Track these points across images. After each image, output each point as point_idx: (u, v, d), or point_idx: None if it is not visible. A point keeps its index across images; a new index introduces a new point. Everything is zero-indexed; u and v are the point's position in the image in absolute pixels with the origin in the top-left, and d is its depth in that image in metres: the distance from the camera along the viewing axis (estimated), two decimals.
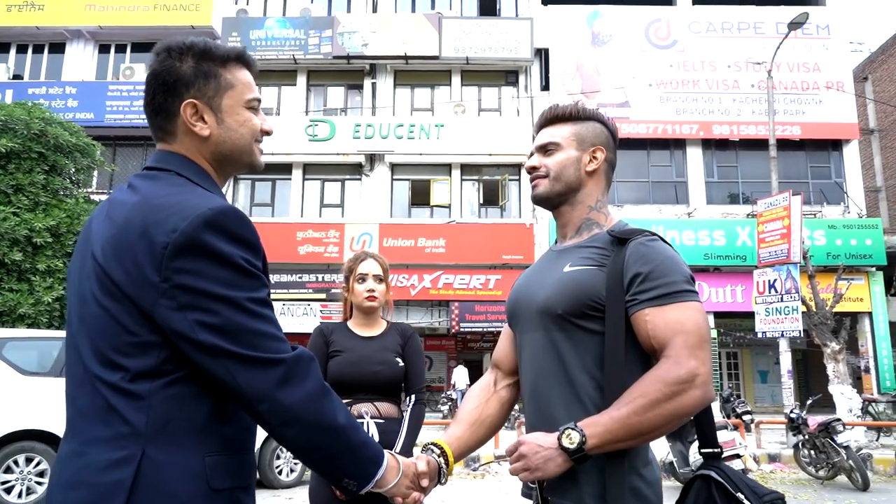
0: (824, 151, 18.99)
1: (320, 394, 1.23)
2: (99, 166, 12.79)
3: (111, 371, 1.18)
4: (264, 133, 1.40)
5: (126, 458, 1.14)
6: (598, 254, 1.57)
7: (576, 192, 1.67)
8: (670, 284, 1.47)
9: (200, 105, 1.31)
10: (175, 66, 1.31)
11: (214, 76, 1.33)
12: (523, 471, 1.44)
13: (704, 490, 1.46)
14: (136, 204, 1.22)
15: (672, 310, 1.45)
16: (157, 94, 1.32)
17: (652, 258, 1.49)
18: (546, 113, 1.73)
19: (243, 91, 1.36)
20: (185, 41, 1.32)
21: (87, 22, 19.10)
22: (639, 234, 1.55)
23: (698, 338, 1.42)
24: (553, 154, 1.68)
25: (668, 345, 1.42)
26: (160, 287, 1.15)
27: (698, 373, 1.38)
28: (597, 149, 1.68)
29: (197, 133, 1.32)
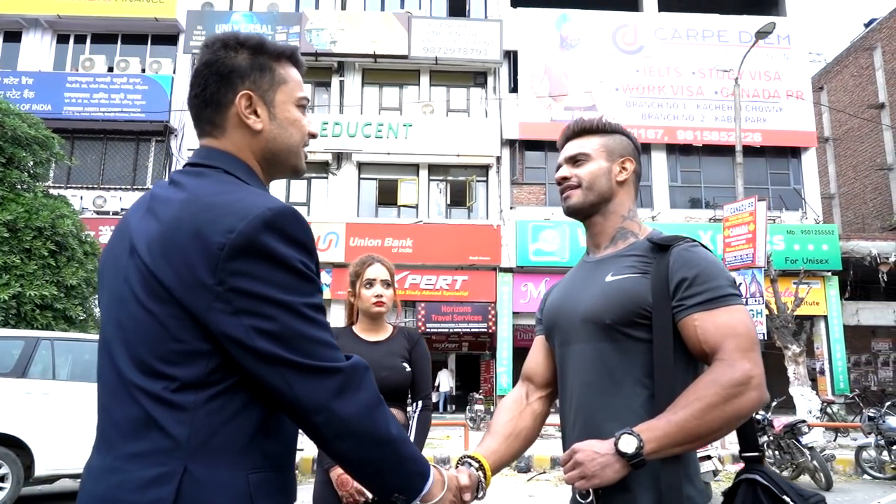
0: (784, 158, 19.48)
1: (375, 405, 1.17)
2: (59, 160, 12.37)
3: (153, 380, 1.09)
4: (311, 136, 1.35)
5: (166, 475, 1.05)
6: (639, 261, 1.58)
7: (608, 202, 1.69)
8: (717, 289, 1.48)
9: (255, 97, 1.26)
10: (230, 57, 1.26)
11: (269, 70, 1.28)
12: (580, 478, 1.41)
13: (751, 493, 1.46)
14: (186, 201, 1.14)
15: (720, 313, 1.46)
16: (209, 84, 1.25)
17: (696, 263, 1.50)
18: (572, 126, 1.74)
19: (295, 88, 1.31)
20: (239, 35, 1.28)
21: (44, 10, 18.49)
22: (680, 240, 1.57)
23: (749, 340, 1.44)
24: (583, 165, 1.69)
25: (720, 348, 1.43)
26: (214, 290, 1.07)
27: (753, 374, 1.39)
28: (626, 159, 1.70)
29: (249, 126, 1.26)
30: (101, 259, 1.28)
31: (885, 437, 9.55)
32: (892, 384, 20.79)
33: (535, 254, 17.87)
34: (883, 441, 9.61)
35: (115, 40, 19.22)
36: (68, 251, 10.84)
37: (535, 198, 18.89)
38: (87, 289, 11.12)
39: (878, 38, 24.03)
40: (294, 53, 1.33)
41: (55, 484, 7.86)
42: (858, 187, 24.71)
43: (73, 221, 11.12)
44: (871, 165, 23.96)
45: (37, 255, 10.31)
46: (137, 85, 18.15)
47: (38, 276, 10.22)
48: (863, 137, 24.46)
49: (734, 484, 1.51)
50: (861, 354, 20.71)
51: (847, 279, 18.54)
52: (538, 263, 17.86)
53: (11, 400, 6.64)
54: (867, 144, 24.27)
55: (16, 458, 6.56)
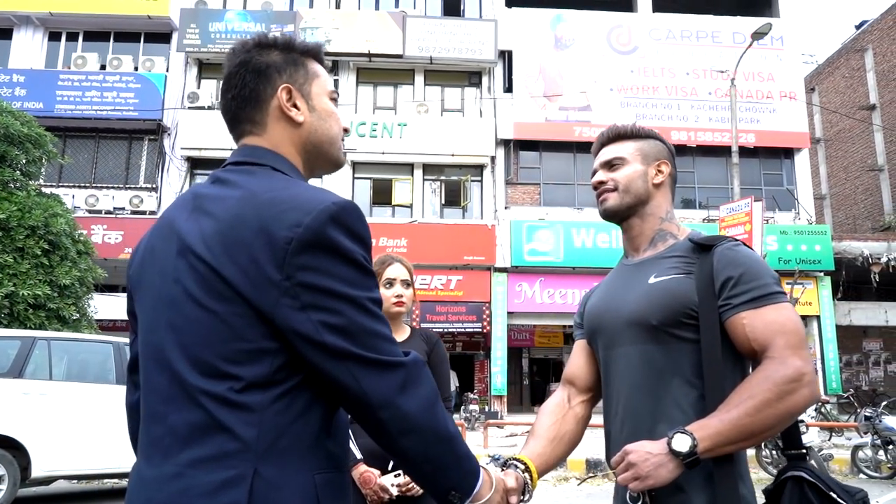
0: (777, 159, 19.57)
1: (435, 400, 1.16)
2: (52, 158, 12.26)
3: (217, 381, 1.07)
4: (344, 130, 1.36)
5: (236, 478, 1.03)
6: (682, 262, 1.59)
7: (645, 205, 1.71)
8: (763, 287, 1.49)
9: (294, 90, 1.27)
10: (264, 55, 1.28)
11: (302, 64, 1.30)
12: (633, 479, 1.40)
13: (797, 491, 1.46)
14: (244, 198, 1.13)
15: (768, 311, 1.47)
16: (247, 81, 1.26)
17: (741, 262, 1.52)
18: (606, 132, 1.77)
19: (326, 82, 1.34)
20: (267, 35, 1.30)
21: (36, 8, 18.32)
22: (722, 239, 1.58)
23: (798, 337, 1.45)
24: (619, 168, 1.72)
25: (770, 346, 1.44)
26: (282, 286, 1.06)
27: (805, 371, 1.40)
28: (661, 162, 1.73)
29: (292, 119, 1.27)
30: (134, 264, 1.25)
31: (882, 436, 9.60)
32: (882, 384, 20.92)
33: (530, 254, 17.87)
34: (879, 440, 9.66)
35: (107, 38, 19.07)
36: (61, 250, 10.75)
37: (530, 198, 18.90)
38: (80, 288, 11.03)
39: (870, 39, 24.20)
40: (320, 51, 1.35)
41: (52, 485, 7.78)
42: (849, 188, 24.87)
43: (66, 220, 11.03)
44: (862, 166, 24.12)
45: (30, 254, 10.22)
46: (130, 83, 18.02)
47: (31, 275, 10.13)
48: (854, 138, 24.63)
49: (779, 482, 1.51)
50: (852, 354, 20.82)
51: (839, 279, 18.64)
52: (533, 263, 17.86)
53: (8, 400, 6.56)
54: (858, 145, 24.44)
55: (12, 459, 6.49)
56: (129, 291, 1.28)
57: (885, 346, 21.18)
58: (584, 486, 8.53)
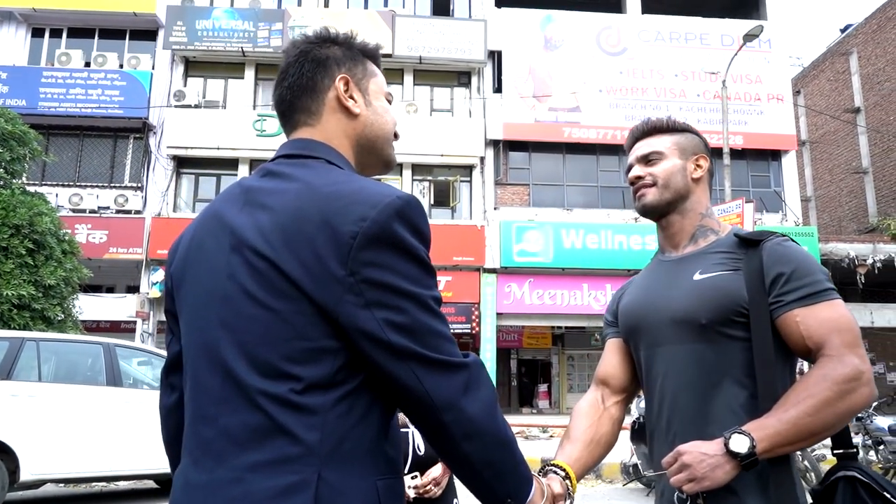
0: (764, 161, 19.70)
1: (495, 404, 1.12)
2: (36, 156, 12.05)
3: (277, 382, 1.02)
4: (395, 136, 1.34)
5: (300, 484, 0.98)
6: (727, 258, 1.54)
7: (685, 200, 1.66)
8: (816, 283, 1.45)
9: (352, 82, 1.26)
10: (325, 47, 1.28)
11: (361, 61, 1.30)
12: (688, 481, 1.36)
13: (850, 490, 1.42)
14: (303, 191, 1.08)
15: (822, 308, 1.43)
16: (305, 70, 1.25)
17: (792, 258, 1.47)
18: (641, 126, 1.73)
19: (383, 83, 1.33)
20: (329, 30, 1.30)
21: (19, 3, 18.00)
22: (770, 235, 1.53)
23: (854, 335, 1.41)
24: (657, 163, 1.67)
25: (826, 344, 1.40)
26: (346, 282, 1.02)
27: (863, 370, 1.36)
28: (699, 157, 1.68)
29: (348, 109, 1.24)
30: (177, 260, 1.20)
31: (873, 436, 9.65)
32: None
33: (519, 254, 17.84)
34: (870, 440, 9.70)
35: (92, 35, 18.80)
36: (46, 250, 10.55)
37: (520, 198, 18.87)
38: (65, 288, 10.83)
39: (855, 43, 24.45)
40: (377, 53, 1.35)
41: (41, 489, 7.61)
42: (834, 190, 25.11)
43: (51, 219, 10.83)
44: (847, 169, 24.36)
45: (14, 253, 10.01)
46: (115, 81, 17.78)
47: (16, 275, 9.93)
48: (839, 141, 24.87)
49: (830, 482, 1.47)
50: None
51: None
52: (522, 264, 17.83)
53: None
54: (843, 148, 24.68)
55: (0, 462, 6.33)
56: (168, 289, 1.23)
57: (871, 347, 21.38)
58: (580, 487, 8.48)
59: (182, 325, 1.17)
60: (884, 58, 23.08)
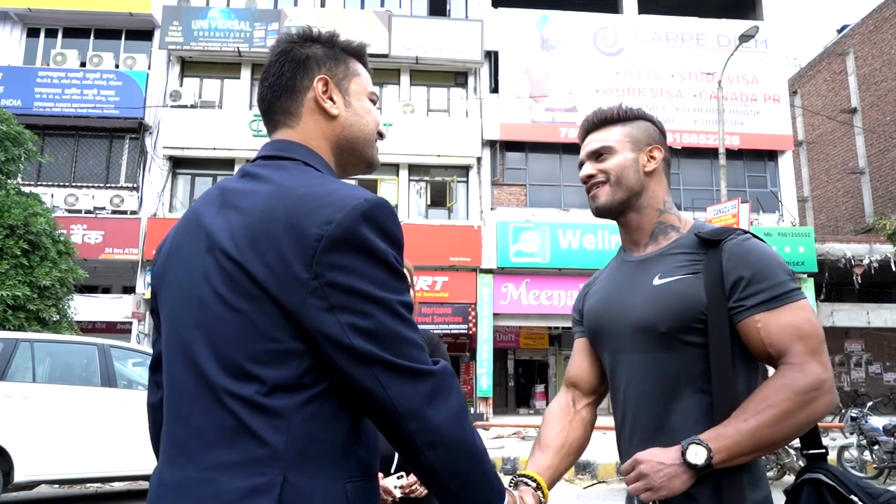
0: (761, 161, 19.72)
1: (464, 413, 1.09)
2: (32, 156, 12.01)
3: (243, 383, 1.02)
4: (380, 135, 1.31)
5: (266, 486, 0.98)
6: (688, 260, 1.47)
7: (639, 196, 1.58)
8: (778, 285, 1.39)
9: (331, 83, 1.25)
10: (306, 46, 1.26)
11: (343, 60, 1.28)
12: (645, 490, 1.35)
13: (815, 494, 1.39)
14: (274, 192, 1.08)
15: (784, 312, 1.37)
16: (285, 70, 1.24)
17: (752, 259, 1.41)
18: (591, 117, 1.63)
19: (366, 82, 1.31)
20: (312, 29, 1.29)
21: (14, 3, 17.95)
22: (731, 233, 1.46)
23: (817, 341, 1.36)
24: (608, 158, 1.58)
25: (788, 351, 1.35)
26: (310, 284, 1.01)
27: (825, 378, 1.32)
28: (653, 148, 1.59)
29: (327, 111, 1.23)
30: (160, 261, 1.21)
31: (867, 436, 9.66)
32: (864, 385, 21.16)
33: (516, 255, 17.84)
34: (865, 441, 9.72)
35: (88, 35, 18.75)
36: (41, 250, 10.52)
37: (516, 199, 18.87)
38: (60, 289, 10.80)
39: (851, 43, 24.49)
40: (363, 51, 1.33)
41: (34, 490, 7.58)
42: (831, 190, 25.15)
43: (46, 220, 10.80)
44: (844, 169, 24.40)
45: (9, 254, 9.99)
46: (111, 81, 17.74)
47: (10, 275, 9.91)
48: (835, 141, 24.91)
49: (797, 483, 1.44)
50: (835, 356, 21.04)
51: (822, 281, 18.82)
52: (519, 265, 17.83)
53: None
54: (840, 148, 24.72)
55: None
56: (153, 288, 1.23)
57: (867, 347, 21.44)
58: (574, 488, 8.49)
59: (162, 325, 1.17)
60: (880, 58, 23.13)
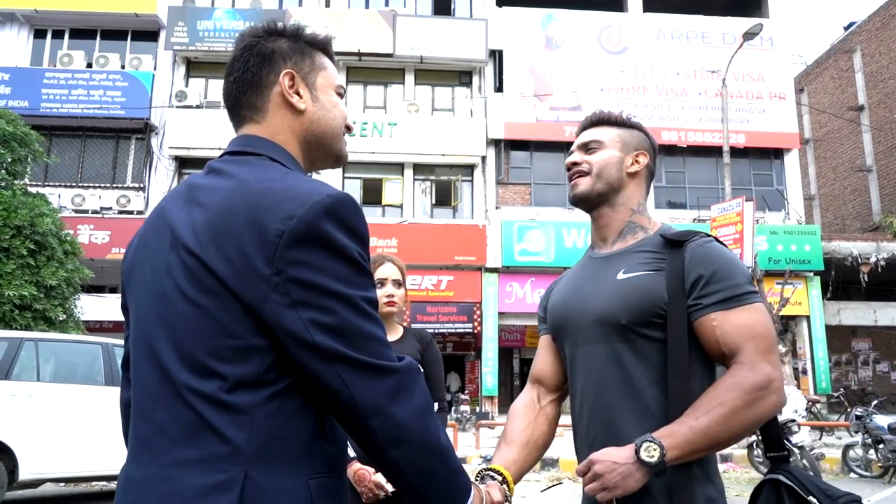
0: (766, 160, 19.64)
1: (428, 410, 1.09)
2: (38, 157, 12.09)
3: (205, 380, 1.01)
4: (347, 128, 1.32)
5: (226, 482, 0.98)
6: (652, 258, 1.53)
7: (617, 193, 1.65)
8: (735, 287, 1.44)
9: (297, 78, 1.24)
10: (271, 41, 1.25)
11: (309, 54, 1.27)
12: (601, 490, 1.37)
13: (774, 495, 1.43)
14: (236, 188, 1.08)
15: (739, 313, 1.42)
16: (250, 66, 1.23)
17: (713, 260, 1.46)
18: (591, 116, 1.72)
19: (333, 76, 1.30)
20: (276, 23, 1.27)
21: (20, 4, 18.05)
22: (694, 235, 1.53)
23: (769, 342, 1.41)
24: (596, 152, 1.66)
25: (740, 350, 1.40)
26: (272, 280, 1.00)
27: (773, 378, 1.37)
28: (640, 153, 1.67)
29: (293, 106, 1.23)
30: (128, 255, 1.21)
31: (872, 435, 9.65)
32: (871, 383, 21.05)
33: (521, 254, 17.84)
34: (870, 439, 9.70)
35: (94, 36, 18.85)
36: (48, 250, 10.59)
37: (521, 198, 18.86)
38: (67, 289, 10.87)
39: (858, 40, 24.36)
40: (328, 44, 1.32)
41: (39, 488, 7.64)
42: (838, 188, 25.03)
43: (52, 220, 10.87)
44: (851, 167, 24.28)
45: (15, 254, 10.06)
46: (117, 81, 17.82)
47: (17, 275, 9.97)
48: (842, 139, 24.79)
49: (758, 485, 1.48)
50: (842, 354, 20.95)
51: (829, 279, 18.74)
52: (524, 264, 17.82)
53: None
54: (847, 146, 24.60)
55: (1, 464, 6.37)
56: (122, 286, 1.23)
57: (874, 345, 21.33)
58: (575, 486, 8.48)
59: (130, 322, 1.17)
60: (888, 55, 22.99)
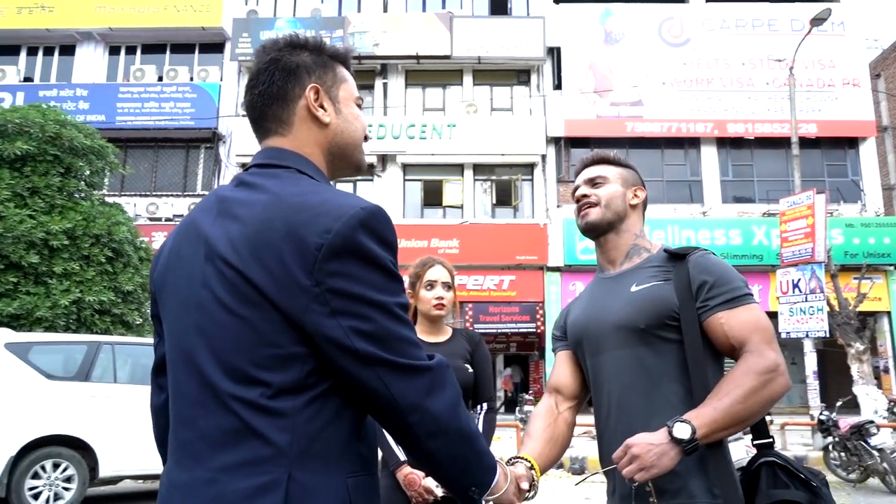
0: (840, 149, 18.85)
1: (459, 402, 1.18)
2: (114, 168, 12.68)
3: (248, 387, 1.07)
4: (365, 138, 1.37)
5: (272, 483, 1.03)
6: (659, 271, 1.75)
7: (622, 221, 1.87)
8: (735, 290, 1.66)
9: (322, 91, 1.28)
10: (295, 54, 1.28)
11: (331, 67, 1.31)
12: (639, 470, 1.48)
13: (771, 473, 1.61)
14: (271, 202, 1.12)
15: (742, 311, 1.64)
16: (276, 79, 1.26)
17: (713, 268, 1.69)
18: (592, 155, 1.97)
19: (353, 88, 1.35)
20: (299, 36, 1.31)
21: (97, 23, 19.00)
22: (694, 249, 1.75)
23: (770, 334, 1.63)
24: (602, 186, 1.88)
25: (748, 342, 1.60)
26: (312, 291, 1.06)
27: (780, 362, 1.57)
28: (637, 188, 1.91)
29: (318, 119, 1.26)
30: (159, 267, 1.25)
31: None
32: None
33: (583, 252, 17.61)
34: None
35: (164, 50, 19.64)
36: (124, 257, 11.10)
37: None
38: (142, 294, 11.36)
39: None
40: (348, 57, 1.36)
41: (118, 485, 8.01)
42: None
43: (128, 228, 11.38)
44: None
45: (95, 261, 10.57)
46: (186, 93, 18.53)
47: (97, 281, 10.48)
48: None
49: (754, 468, 1.65)
50: None
51: None
52: (586, 262, 17.58)
53: (76, 403, 6.80)
54: None
55: (81, 459, 6.72)
56: (153, 294, 1.28)
57: None
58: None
59: (164, 330, 1.22)
60: None
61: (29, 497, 6.38)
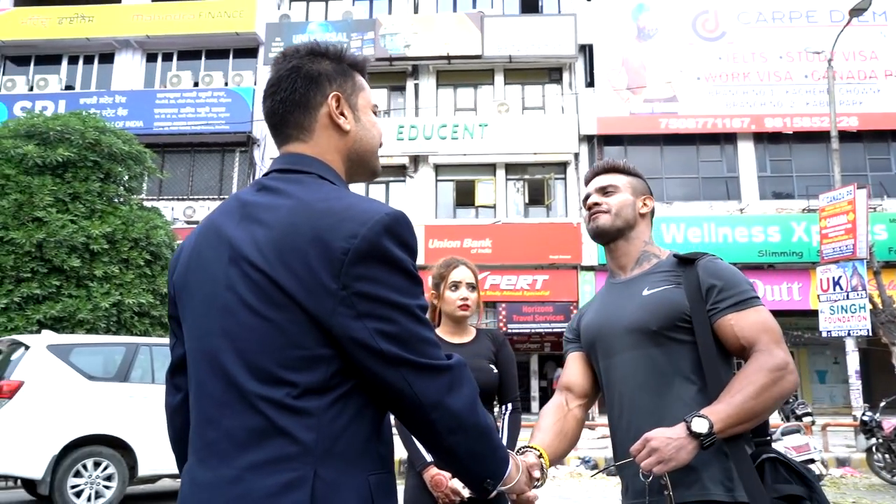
0: (883, 142, 18.34)
1: (476, 398, 1.22)
2: (151, 173, 12.95)
3: (275, 387, 1.09)
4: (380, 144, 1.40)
5: (298, 480, 1.06)
6: (669, 276, 1.82)
7: (631, 229, 1.92)
8: (744, 293, 1.73)
9: (342, 99, 1.30)
10: (317, 62, 1.30)
11: (350, 76, 1.34)
12: (657, 463, 1.53)
13: (773, 469, 1.64)
14: (296, 207, 1.14)
15: (751, 313, 1.70)
16: (298, 86, 1.28)
17: (721, 272, 1.76)
18: (601, 164, 2.01)
19: (370, 95, 1.38)
20: (319, 43, 1.33)
21: (135, 32, 19.44)
22: (703, 255, 1.82)
23: (778, 334, 1.70)
24: (613, 195, 1.93)
25: (758, 341, 1.66)
26: (339, 295, 1.09)
27: (788, 360, 1.64)
28: (647, 197, 1.97)
29: (339, 127, 1.29)
30: (179, 268, 1.27)
31: None
32: None
33: None
34: None
35: (199, 56, 20.00)
36: (162, 260, 11.34)
37: None
38: None
39: None
40: (366, 65, 1.39)
41: (157, 484, 8.18)
42: None
43: (165, 231, 11.63)
44: None
45: (134, 264, 10.82)
46: (221, 98, 18.82)
47: (136, 284, 10.72)
48: None
49: (758, 464, 1.66)
50: None
51: None
52: None
53: (116, 403, 6.96)
54: None
55: (121, 458, 6.88)
56: (171, 296, 1.30)
57: None
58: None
59: (185, 331, 1.24)
60: None
61: (71, 495, 6.55)
